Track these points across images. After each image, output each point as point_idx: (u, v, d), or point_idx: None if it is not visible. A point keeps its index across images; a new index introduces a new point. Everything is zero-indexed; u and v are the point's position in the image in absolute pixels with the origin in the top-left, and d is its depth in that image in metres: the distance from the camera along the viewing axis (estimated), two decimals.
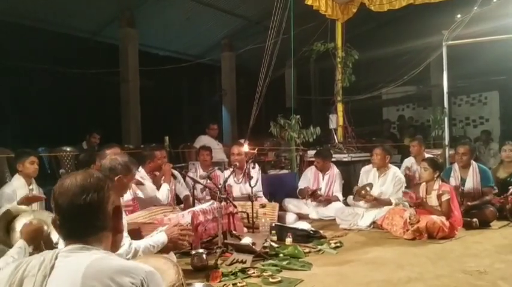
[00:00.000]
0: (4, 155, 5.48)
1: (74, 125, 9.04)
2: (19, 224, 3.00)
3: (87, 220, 1.35)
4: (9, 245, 2.83)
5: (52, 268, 1.25)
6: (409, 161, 6.83)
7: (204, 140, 8.28)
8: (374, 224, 5.59)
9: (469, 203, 5.61)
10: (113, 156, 3.54)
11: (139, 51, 9.58)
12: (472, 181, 5.80)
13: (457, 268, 3.82)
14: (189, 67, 11.25)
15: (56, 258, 1.28)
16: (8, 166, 5.44)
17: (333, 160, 7.15)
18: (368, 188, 5.76)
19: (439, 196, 5.06)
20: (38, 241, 2.84)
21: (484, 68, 10.47)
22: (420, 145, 6.68)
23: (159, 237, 3.20)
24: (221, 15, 10.25)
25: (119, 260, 1.30)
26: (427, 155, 6.31)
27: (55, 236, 2.98)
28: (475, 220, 5.34)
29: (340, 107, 8.26)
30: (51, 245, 2.95)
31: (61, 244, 2.93)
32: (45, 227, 2.91)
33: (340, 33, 8.26)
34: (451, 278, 3.57)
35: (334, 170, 6.66)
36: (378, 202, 5.73)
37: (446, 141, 7.31)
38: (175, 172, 5.71)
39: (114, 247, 1.44)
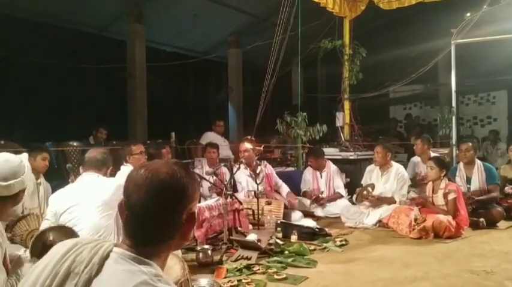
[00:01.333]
0: (12, 149, 5.50)
1: (80, 120, 9.06)
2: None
3: (157, 228, 1.19)
4: None
5: (98, 270, 1.13)
6: (416, 159, 6.80)
7: (210, 136, 8.29)
8: (380, 222, 5.57)
9: (474, 197, 5.58)
10: (98, 150, 3.70)
11: (147, 47, 9.58)
12: (477, 179, 5.78)
13: (464, 267, 3.80)
14: (195, 63, 11.24)
15: (106, 257, 1.16)
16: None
17: (339, 157, 7.12)
18: (370, 189, 5.74)
19: (445, 195, 5.03)
20: None
21: (493, 68, 10.38)
22: (423, 144, 6.62)
23: None
24: (228, 11, 10.23)
25: None
26: (433, 154, 6.28)
27: None
28: (482, 219, 5.32)
29: (347, 105, 8.23)
30: None
31: None
32: None
33: (347, 31, 8.23)
34: (457, 277, 3.55)
35: (331, 167, 6.67)
36: (381, 201, 5.71)
37: (454, 141, 7.27)
38: None
39: (174, 249, 1.30)
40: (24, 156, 2.57)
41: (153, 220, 1.19)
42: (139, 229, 1.20)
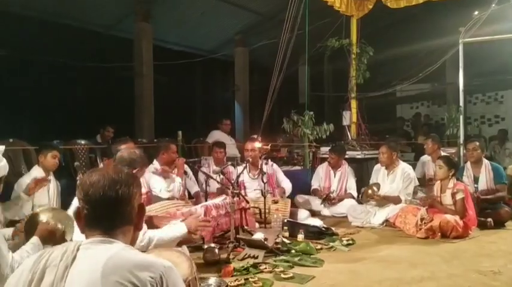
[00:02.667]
0: (20, 147, 5.55)
1: (88, 118, 9.10)
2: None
3: (117, 211, 1.39)
4: None
5: (74, 259, 1.27)
6: (425, 159, 6.77)
7: (216, 135, 8.30)
8: (387, 222, 5.56)
9: (480, 196, 5.55)
10: (130, 149, 3.60)
11: (154, 46, 9.60)
12: (485, 178, 5.75)
13: (471, 267, 3.79)
14: (202, 62, 11.26)
15: (77, 249, 1.30)
16: (23, 158, 5.50)
17: (346, 156, 7.11)
18: (375, 188, 5.72)
19: (453, 195, 5.00)
20: (52, 242, 2.88)
21: (501, 67, 10.31)
22: (434, 144, 6.59)
23: (178, 228, 3.24)
24: (235, 10, 10.23)
25: (138, 254, 1.32)
26: (442, 154, 6.25)
27: (69, 236, 3.03)
28: (489, 219, 5.29)
29: (353, 103, 8.21)
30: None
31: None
32: (60, 226, 2.95)
33: (355, 30, 8.21)
34: (464, 277, 3.54)
35: (346, 167, 6.65)
36: (386, 200, 5.70)
37: (461, 140, 7.23)
38: (185, 167, 5.74)
39: (132, 243, 1.46)
40: (1, 147, 2.64)
41: (109, 208, 1.38)
42: (100, 217, 1.38)
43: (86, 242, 1.34)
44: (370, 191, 5.74)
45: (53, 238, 2.89)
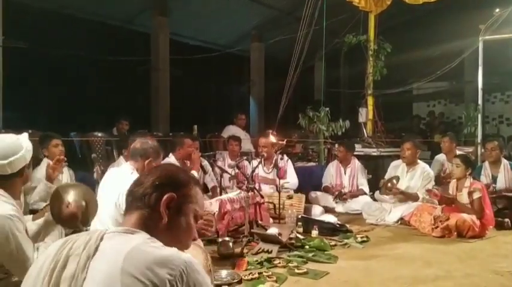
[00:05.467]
0: (38, 138, 5.61)
1: (106, 111, 9.17)
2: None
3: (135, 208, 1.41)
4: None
5: (96, 249, 1.26)
6: (441, 158, 6.71)
7: (231, 130, 8.32)
8: (401, 220, 5.52)
9: (497, 190, 5.50)
10: (143, 139, 3.60)
11: (170, 40, 9.64)
12: (503, 178, 5.69)
13: (487, 267, 3.75)
14: (218, 57, 11.25)
15: (101, 239, 1.29)
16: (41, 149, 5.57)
17: (362, 153, 7.08)
18: (394, 181, 5.66)
19: (470, 194, 4.94)
20: (74, 225, 2.81)
21: None
22: (451, 142, 6.54)
23: None
24: (252, 5, 10.21)
25: (159, 249, 1.26)
26: (458, 153, 6.19)
27: (93, 209, 2.90)
28: (506, 220, 5.23)
29: (370, 100, 8.15)
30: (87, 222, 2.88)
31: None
32: (83, 203, 2.74)
33: (372, 26, 8.13)
34: (480, 277, 3.50)
35: (356, 164, 6.62)
36: (404, 196, 5.65)
37: (479, 139, 7.14)
38: (205, 163, 5.79)
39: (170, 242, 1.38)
40: (24, 135, 2.57)
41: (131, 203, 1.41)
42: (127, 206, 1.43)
43: (111, 231, 1.33)
44: (389, 184, 5.67)
45: (74, 221, 2.79)
